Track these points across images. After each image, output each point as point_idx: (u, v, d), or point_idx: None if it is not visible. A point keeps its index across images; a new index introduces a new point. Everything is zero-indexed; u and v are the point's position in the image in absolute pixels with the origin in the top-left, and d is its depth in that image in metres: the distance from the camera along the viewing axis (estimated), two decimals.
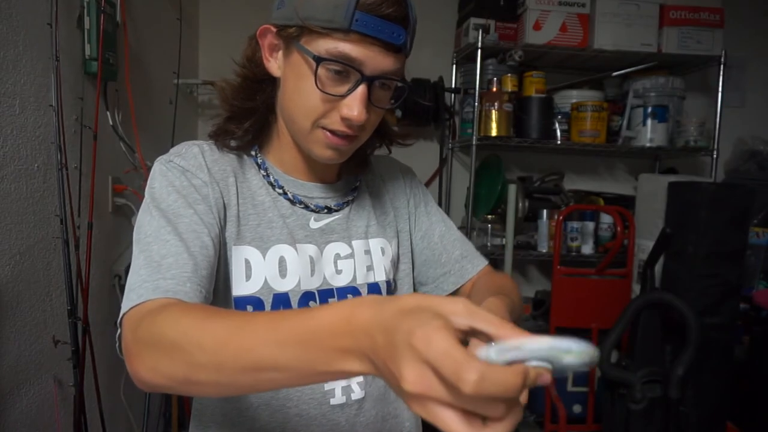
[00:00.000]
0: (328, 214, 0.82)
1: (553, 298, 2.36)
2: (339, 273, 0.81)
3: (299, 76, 0.71)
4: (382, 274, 0.84)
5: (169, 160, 0.74)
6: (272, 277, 0.76)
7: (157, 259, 0.65)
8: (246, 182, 0.79)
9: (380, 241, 0.86)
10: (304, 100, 0.72)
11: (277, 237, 0.77)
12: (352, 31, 0.66)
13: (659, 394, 1.81)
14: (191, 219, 0.69)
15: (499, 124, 2.37)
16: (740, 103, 2.87)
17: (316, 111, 0.71)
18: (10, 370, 1.24)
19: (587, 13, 2.39)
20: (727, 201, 1.87)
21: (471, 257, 0.92)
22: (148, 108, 1.98)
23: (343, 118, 0.71)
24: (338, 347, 0.43)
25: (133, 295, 0.62)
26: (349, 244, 0.82)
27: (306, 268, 0.78)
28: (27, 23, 1.29)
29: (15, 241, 1.26)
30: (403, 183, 0.94)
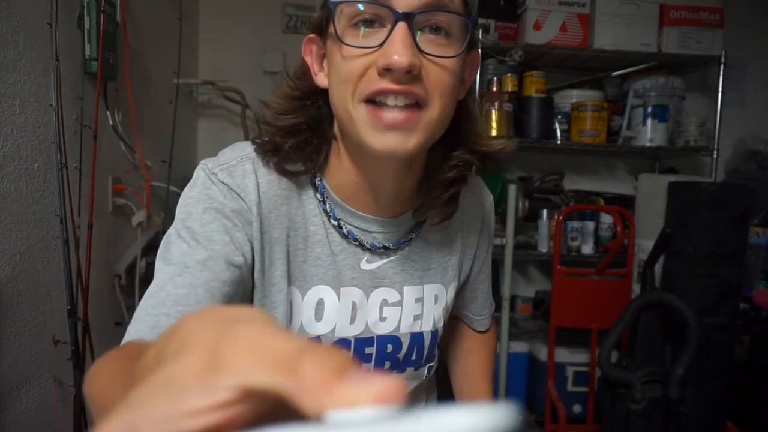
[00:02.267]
0: (384, 254, 0.72)
1: (553, 298, 2.36)
2: (383, 320, 0.72)
3: (332, 55, 0.60)
4: (429, 323, 0.76)
5: (214, 173, 0.64)
6: (308, 321, 0.68)
7: (168, 288, 0.57)
8: (301, 208, 0.68)
9: (436, 288, 0.76)
10: (337, 74, 0.59)
11: (321, 277, 0.68)
12: None
13: (659, 394, 1.81)
14: (224, 248, 0.60)
15: (499, 124, 2.37)
16: (740, 103, 2.87)
17: (351, 77, 0.57)
18: (10, 370, 1.24)
19: (587, 13, 2.39)
20: (727, 201, 1.87)
21: (487, 315, 0.94)
22: (148, 108, 1.98)
23: (382, 71, 0.55)
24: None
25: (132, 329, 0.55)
26: (400, 291, 0.73)
27: (346, 314, 0.70)
28: (27, 23, 1.29)
29: (15, 241, 1.26)
30: (481, 219, 0.83)
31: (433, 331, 0.77)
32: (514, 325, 2.57)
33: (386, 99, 0.56)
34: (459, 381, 0.94)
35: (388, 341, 0.73)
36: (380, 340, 0.72)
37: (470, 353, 0.95)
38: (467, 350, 0.95)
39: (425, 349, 0.76)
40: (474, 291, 0.89)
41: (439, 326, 0.78)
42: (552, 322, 2.34)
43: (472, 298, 0.90)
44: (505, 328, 2.41)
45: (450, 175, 0.68)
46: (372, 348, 0.72)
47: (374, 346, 0.72)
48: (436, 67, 0.57)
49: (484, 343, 0.96)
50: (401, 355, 0.74)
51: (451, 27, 0.57)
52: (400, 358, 0.74)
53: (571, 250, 2.48)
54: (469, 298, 0.90)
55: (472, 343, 0.95)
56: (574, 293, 2.34)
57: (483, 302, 0.91)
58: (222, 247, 0.60)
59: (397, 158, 0.61)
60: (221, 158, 0.66)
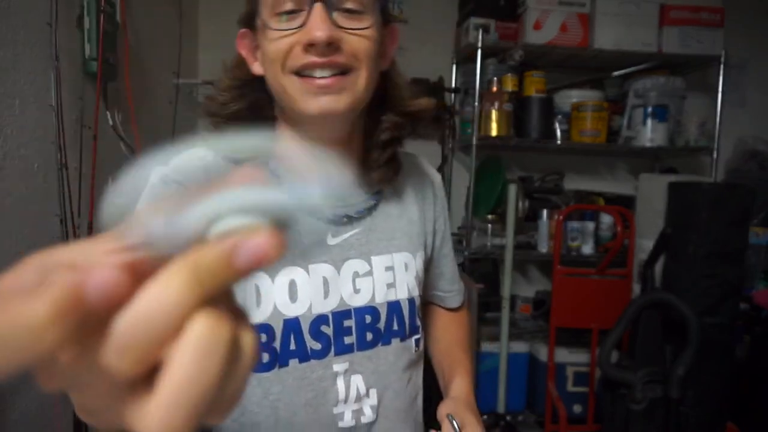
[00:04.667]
0: (349, 224, 0.75)
1: (554, 298, 2.36)
2: (357, 292, 0.75)
3: (262, 42, 0.67)
4: (404, 291, 0.79)
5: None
6: (282, 302, 0.71)
7: None
8: None
9: (404, 256, 0.80)
10: (267, 56, 0.66)
11: (288, 258, 0.71)
12: None
13: (659, 394, 1.81)
14: None
15: (499, 124, 2.37)
16: (740, 103, 2.87)
17: (279, 55, 0.65)
18: None
19: (587, 12, 2.39)
20: (727, 201, 1.87)
21: (458, 291, 0.97)
22: (148, 108, 1.98)
23: (306, 47, 0.63)
24: None
25: None
26: (368, 261, 0.76)
27: (319, 290, 0.73)
28: (26, 23, 1.29)
29: (15, 241, 1.26)
30: (433, 192, 0.89)
31: (410, 299, 0.80)
32: (514, 325, 2.57)
33: (314, 72, 0.63)
34: (439, 359, 0.95)
35: (365, 312, 0.75)
36: (358, 312, 0.75)
37: (445, 331, 0.97)
38: (441, 328, 0.98)
39: (405, 318, 0.79)
40: (439, 267, 0.93)
41: (415, 294, 0.81)
42: (552, 322, 2.34)
43: (439, 275, 0.94)
44: (505, 328, 2.41)
45: (384, 137, 0.75)
46: (351, 320, 0.74)
47: (352, 318, 0.74)
48: (354, 37, 0.64)
49: (458, 319, 0.99)
50: (381, 325, 0.77)
51: (363, 6, 0.65)
52: (381, 328, 0.77)
53: (571, 250, 2.48)
54: (436, 275, 0.93)
55: (445, 320, 0.98)
56: (574, 293, 2.34)
57: (450, 278, 0.95)
58: None
59: (333, 120, 0.67)
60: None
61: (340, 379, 0.74)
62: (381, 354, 0.76)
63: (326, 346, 0.73)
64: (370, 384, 0.76)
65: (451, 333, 0.97)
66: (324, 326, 0.73)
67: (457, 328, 0.98)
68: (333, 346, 0.73)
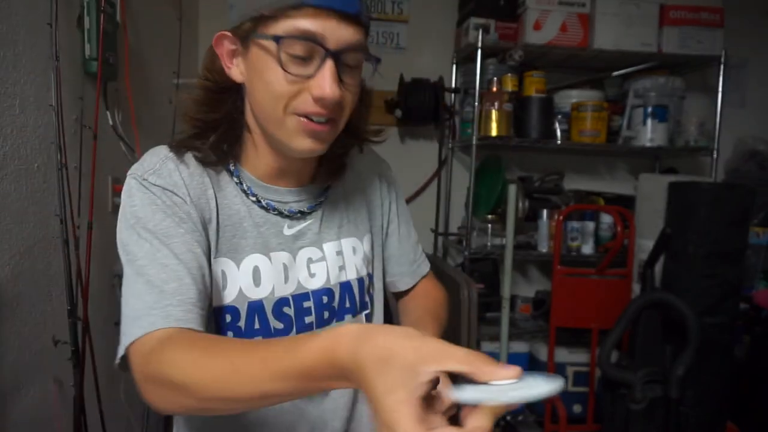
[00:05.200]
0: (302, 218, 0.83)
1: (554, 298, 2.36)
2: (313, 276, 0.83)
3: (263, 68, 0.69)
4: (353, 272, 0.88)
5: (144, 178, 0.73)
6: (247, 286, 0.77)
7: (159, 284, 0.66)
8: (222, 191, 0.78)
9: (352, 241, 0.89)
10: (271, 89, 0.69)
11: (251, 247, 0.78)
12: (305, 5, 0.65)
13: (659, 394, 1.81)
14: (183, 239, 0.70)
15: (499, 124, 2.37)
16: (740, 103, 2.87)
17: (286, 95, 0.69)
18: (10, 370, 1.24)
19: (587, 12, 2.39)
20: (727, 201, 1.87)
21: (420, 261, 1.02)
22: (148, 108, 1.98)
23: (315, 99, 0.69)
24: (325, 377, 0.50)
25: (144, 322, 0.64)
26: (320, 248, 0.85)
27: (280, 275, 0.80)
28: (27, 23, 1.29)
29: (15, 241, 1.26)
30: (379, 181, 0.96)
31: (359, 279, 0.88)
32: (514, 325, 2.57)
33: (313, 116, 0.70)
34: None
35: (322, 294, 0.84)
36: (315, 294, 0.83)
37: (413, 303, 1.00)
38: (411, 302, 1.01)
39: (356, 296, 0.88)
40: (387, 249, 0.98)
41: (363, 274, 0.89)
42: (552, 322, 2.34)
43: (387, 258, 0.98)
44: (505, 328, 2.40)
45: (338, 151, 0.85)
46: (309, 302, 0.82)
47: (311, 300, 0.82)
48: (349, 93, 0.72)
49: (422, 291, 1.01)
50: (336, 304, 0.85)
51: (359, 62, 0.72)
52: (335, 307, 0.85)
53: (571, 250, 2.48)
54: (385, 259, 0.98)
55: (409, 297, 1.02)
56: (574, 293, 2.34)
57: (398, 259, 0.99)
58: (181, 239, 0.70)
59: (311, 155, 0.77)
60: (145, 165, 0.75)
61: None
62: None
63: (288, 325, 0.80)
64: None
65: (419, 305, 0.99)
66: (286, 308, 0.80)
67: (422, 300, 1.00)
68: (294, 325, 0.81)
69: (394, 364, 0.44)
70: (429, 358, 0.44)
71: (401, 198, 1.00)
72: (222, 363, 0.56)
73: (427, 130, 2.74)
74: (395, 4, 2.72)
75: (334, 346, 0.49)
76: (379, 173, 0.97)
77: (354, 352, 0.47)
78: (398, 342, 0.46)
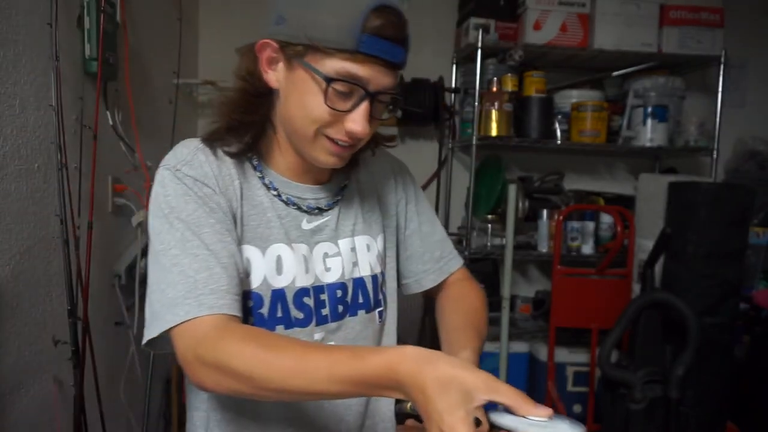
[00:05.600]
0: (319, 214, 0.87)
1: (554, 298, 2.36)
2: (328, 270, 0.87)
3: (305, 90, 0.74)
4: (366, 269, 0.91)
5: (177, 169, 0.77)
6: (270, 274, 0.81)
7: (192, 274, 0.71)
8: (247, 182, 0.82)
9: (365, 238, 0.92)
10: (309, 113, 0.75)
11: (275, 236, 0.82)
12: (359, 52, 0.70)
13: (659, 394, 1.81)
14: (213, 228, 0.75)
15: (499, 124, 2.37)
16: (740, 103, 2.87)
17: (322, 122, 0.75)
18: (10, 370, 1.24)
19: (587, 12, 2.39)
20: (727, 201, 1.87)
21: (448, 258, 1.02)
22: (148, 108, 1.98)
23: (347, 132, 0.76)
24: (385, 387, 0.60)
25: (180, 310, 0.69)
26: (336, 243, 0.88)
27: (300, 266, 0.83)
28: (27, 23, 1.29)
29: (15, 241, 1.26)
30: (394, 182, 0.99)
31: (373, 276, 0.91)
32: (514, 325, 2.57)
33: (340, 141, 0.77)
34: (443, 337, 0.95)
35: (336, 288, 0.87)
36: (330, 288, 0.86)
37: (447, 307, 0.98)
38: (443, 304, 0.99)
39: (369, 292, 0.91)
40: (408, 249, 0.99)
41: (377, 271, 0.92)
42: (552, 322, 2.34)
43: (408, 258, 1.00)
44: (505, 328, 2.41)
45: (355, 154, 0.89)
46: (324, 294, 0.86)
47: (326, 293, 0.86)
48: (375, 124, 0.80)
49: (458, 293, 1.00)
50: (349, 298, 0.88)
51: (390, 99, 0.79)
52: (349, 302, 0.88)
53: (571, 250, 2.48)
54: (406, 259, 1.00)
55: (445, 298, 1.00)
56: (574, 293, 2.34)
57: (421, 257, 0.99)
58: (211, 228, 0.74)
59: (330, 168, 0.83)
60: (178, 156, 0.79)
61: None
62: (349, 324, 0.88)
63: (308, 316, 0.83)
64: None
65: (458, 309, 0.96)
66: (306, 298, 0.83)
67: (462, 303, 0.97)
68: (314, 316, 0.84)
69: (454, 388, 0.56)
70: (482, 388, 0.56)
71: (420, 197, 1.02)
72: (289, 362, 0.63)
73: (427, 130, 2.74)
74: None
75: (399, 361, 0.58)
76: (394, 174, 0.99)
77: (417, 372, 0.57)
78: (457, 371, 0.57)
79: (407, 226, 0.99)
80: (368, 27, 0.69)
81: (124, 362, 1.79)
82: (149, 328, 0.72)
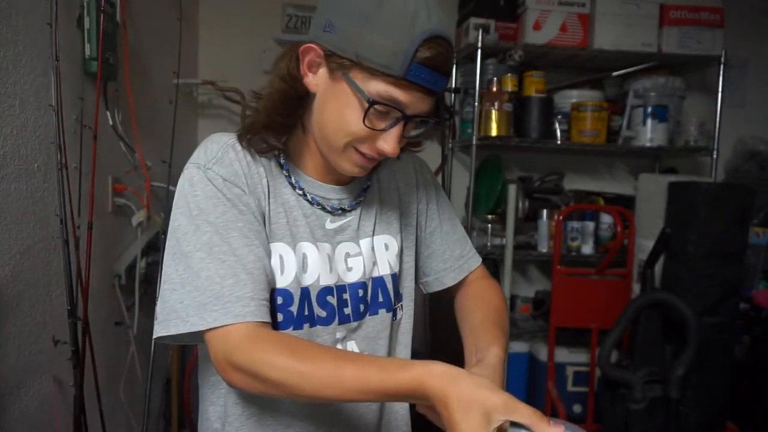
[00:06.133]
0: (342, 215, 0.88)
1: (553, 298, 2.36)
2: (350, 270, 0.88)
3: (345, 104, 0.75)
4: (386, 268, 0.91)
5: (208, 168, 0.77)
6: (299, 272, 0.82)
7: (218, 280, 0.72)
8: (274, 180, 0.83)
9: (384, 238, 0.92)
10: (345, 126, 0.76)
11: (302, 235, 0.83)
12: (405, 79, 0.71)
13: (659, 394, 1.81)
14: (241, 232, 0.75)
15: (499, 124, 2.37)
16: (740, 103, 2.87)
17: (355, 137, 0.76)
18: (10, 370, 1.24)
19: (587, 13, 2.39)
20: (727, 201, 1.87)
21: (468, 256, 1.02)
22: (148, 108, 1.98)
23: (378, 150, 0.77)
24: (408, 397, 0.66)
25: (208, 316, 0.71)
26: (357, 243, 0.89)
27: (325, 264, 0.84)
28: (27, 23, 1.29)
29: (15, 241, 1.26)
30: (416, 180, 0.99)
31: (393, 275, 0.92)
32: (514, 325, 2.57)
33: (369, 155, 0.78)
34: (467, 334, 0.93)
35: (358, 287, 0.88)
36: (352, 287, 0.87)
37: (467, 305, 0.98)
38: (463, 302, 0.99)
39: (389, 291, 0.92)
40: (429, 247, 0.99)
41: (396, 270, 0.93)
42: (552, 322, 2.34)
43: (429, 256, 1.00)
44: None
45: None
46: (347, 294, 0.87)
47: (348, 292, 0.87)
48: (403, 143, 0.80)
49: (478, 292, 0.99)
50: (369, 297, 0.90)
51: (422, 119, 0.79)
52: (369, 301, 0.90)
53: (571, 250, 2.48)
54: (427, 257, 1.00)
55: (465, 297, 1.00)
56: (574, 293, 2.34)
57: (441, 255, 1.00)
58: (239, 233, 0.75)
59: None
60: (208, 153, 0.79)
61: (340, 345, 0.86)
62: (369, 323, 0.89)
63: (331, 314, 0.84)
64: (362, 348, 0.88)
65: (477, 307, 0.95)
66: (329, 297, 0.84)
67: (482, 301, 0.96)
68: (337, 315, 0.85)
69: (475, 408, 0.61)
70: (502, 408, 0.61)
71: (441, 195, 1.02)
72: (323, 373, 0.67)
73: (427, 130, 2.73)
74: None
75: (427, 378, 0.64)
76: (415, 172, 0.99)
77: (443, 388, 0.63)
78: (479, 391, 0.62)
79: (428, 224, 0.99)
80: (419, 57, 0.70)
81: (124, 362, 1.79)
82: (168, 324, 0.72)
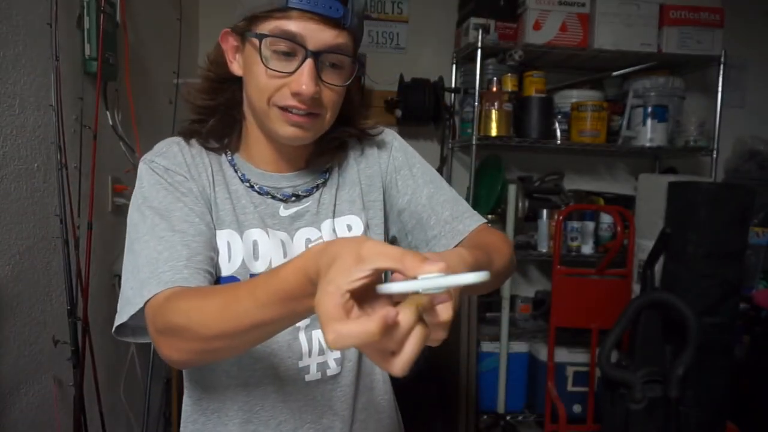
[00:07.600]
0: (297, 201, 0.86)
1: (553, 298, 2.36)
2: None
3: (252, 63, 0.76)
4: None
5: (151, 161, 0.80)
6: (248, 258, 0.81)
7: (155, 255, 0.72)
8: (221, 172, 0.84)
9: (347, 218, 0.89)
10: (256, 82, 0.76)
11: (250, 222, 0.83)
12: (290, 8, 0.71)
13: (659, 394, 1.81)
14: (182, 212, 0.76)
15: (499, 124, 2.37)
16: (740, 103, 2.87)
17: (268, 89, 0.76)
18: (10, 370, 1.24)
19: (587, 12, 2.39)
20: (727, 201, 1.87)
21: (462, 217, 0.88)
22: (148, 108, 1.98)
23: (293, 94, 0.75)
24: (306, 294, 0.53)
25: (145, 291, 0.70)
26: (318, 227, 0.87)
27: (278, 250, 0.83)
28: (27, 23, 1.29)
29: (15, 241, 1.26)
30: (378, 152, 0.92)
31: None
32: (514, 325, 2.57)
33: (292, 109, 0.76)
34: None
35: None
36: None
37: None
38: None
39: None
40: (413, 217, 0.90)
41: None
42: (552, 322, 2.34)
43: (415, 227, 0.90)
44: (505, 328, 2.41)
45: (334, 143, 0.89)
46: None
47: None
48: (330, 91, 0.77)
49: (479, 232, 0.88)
50: None
51: (343, 64, 0.77)
52: None
53: (571, 250, 2.48)
54: (413, 228, 0.91)
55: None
56: (574, 293, 2.34)
57: (427, 221, 0.89)
58: (179, 212, 0.76)
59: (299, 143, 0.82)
60: (154, 150, 0.83)
61: (302, 334, 0.82)
62: None
63: None
64: None
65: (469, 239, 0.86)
66: None
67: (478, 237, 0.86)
68: None
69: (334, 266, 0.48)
70: (365, 259, 0.47)
71: (416, 161, 0.93)
72: (215, 301, 0.62)
73: (427, 130, 2.74)
74: (395, 4, 2.73)
75: (306, 262, 0.52)
76: (379, 147, 0.93)
77: (319, 264, 0.50)
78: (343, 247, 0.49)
79: (401, 193, 0.90)
80: None
81: (124, 362, 1.79)
82: (121, 313, 0.73)
